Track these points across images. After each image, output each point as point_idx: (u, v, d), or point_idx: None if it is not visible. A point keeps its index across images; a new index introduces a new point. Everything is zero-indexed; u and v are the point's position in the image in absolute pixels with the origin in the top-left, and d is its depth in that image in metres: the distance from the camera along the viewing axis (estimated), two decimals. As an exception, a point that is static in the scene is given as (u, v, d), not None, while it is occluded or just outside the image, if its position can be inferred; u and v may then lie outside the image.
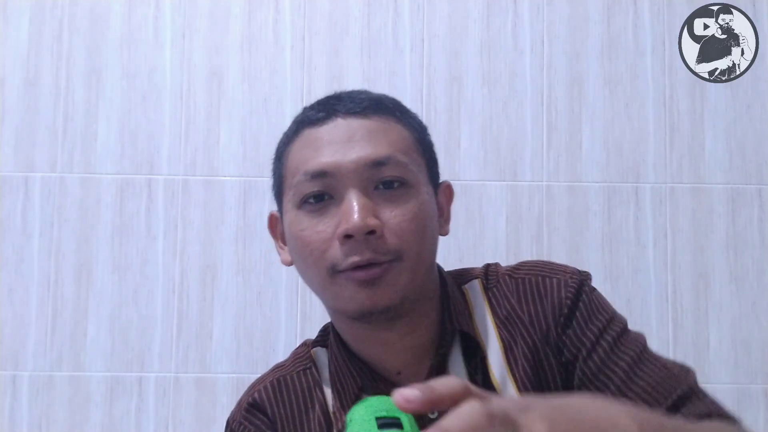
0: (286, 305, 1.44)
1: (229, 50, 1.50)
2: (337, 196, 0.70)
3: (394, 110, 0.75)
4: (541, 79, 1.50)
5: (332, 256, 0.69)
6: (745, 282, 1.46)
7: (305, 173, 0.71)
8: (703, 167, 1.48)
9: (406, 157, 0.72)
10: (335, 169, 0.69)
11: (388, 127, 0.73)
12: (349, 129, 0.71)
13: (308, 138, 0.73)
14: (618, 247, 1.46)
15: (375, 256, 0.68)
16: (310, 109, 0.76)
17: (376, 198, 0.70)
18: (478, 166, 1.48)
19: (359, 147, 0.70)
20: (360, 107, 0.72)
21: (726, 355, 1.44)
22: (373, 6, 1.51)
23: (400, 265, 0.69)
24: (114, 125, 1.47)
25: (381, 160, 0.70)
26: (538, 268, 0.78)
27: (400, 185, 0.70)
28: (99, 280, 1.44)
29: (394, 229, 0.69)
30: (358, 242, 0.67)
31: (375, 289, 0.68)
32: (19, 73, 1.48)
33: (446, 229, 0.79)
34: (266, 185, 1.46)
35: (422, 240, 0.71)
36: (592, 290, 0.76)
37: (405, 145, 0.73)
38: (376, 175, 0.70)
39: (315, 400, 0.77)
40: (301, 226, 0.71)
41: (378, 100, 0.75)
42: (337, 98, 0.75)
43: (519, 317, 0.75)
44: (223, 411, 1.41)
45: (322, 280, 0.71)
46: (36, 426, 1.40)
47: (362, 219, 0.67)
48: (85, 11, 1.49)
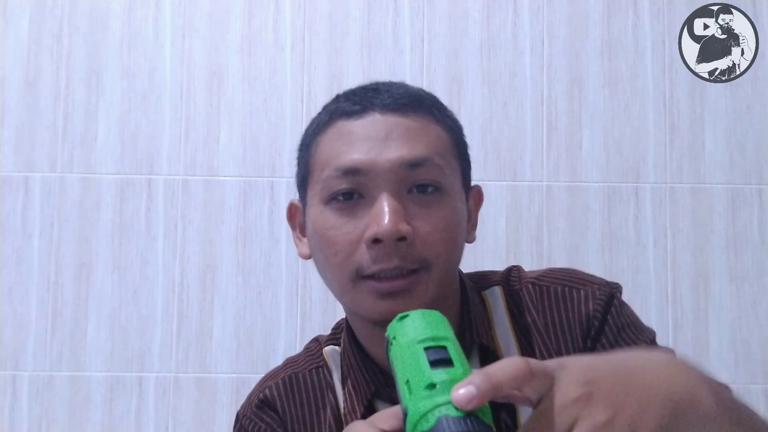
0: (286, 305, 1.44)
1: (229, 50, 1.50)
2: (367, 196, 0.67)
3: (433, 108, 0.72)
4: (541, 79, 1.50)
5: (358, 260, 0.66)
6: (745, 282, 1.46)
7: (336, 168, 0.67)
8: (703, 167, 1.48)
9: (443, 160, 0.68)
10: (369, 167, 0.66)
11: (426, 127, 0.69)
12: (387, 126, 0.68)
13: (342, 131, 0.69)
14: (618, 247, 1.46)
15: (403, 263, 0.65)
16: (345, 99, 0.71)
17: (408, 202, 0.66)
18: (478, 166, 1.47)
19: (395, 146, 0.67)
20: (398, 103, 0.69)
21: (726, 355, 1.44)
22: (373, 6, 1.51)
23: (428, 277, 0.66)
24: (114, 125, 1.47)
25: (418, 161, 0.67)
26: (566, 278, 0.75)
27: (434, 190, 0.67)
28: (99, 280, 1.44)
29: (424, 237, 0.66)
30: (387, 248, 0.64)
31: (399, 300, 0.65)
32: (19, 73, 1.48)
33: (473, 235, 0.76)
34: (266, 185, 1.47)
35: (452, 250, 0.69)
36: (622, 304, 0.74)
37: (442, 147, 0.70)
38: (411, 177, 0.67)
39: (327, 401, 0.75)
40: (327, 224, 0.68)
41: (417, 96, 0.72)
42: (375, 91, 0.71)
43: (542, 328, 0.72)
44: (223, 411, 1.41)
45: (344, 284, 0.68)
46: (36, 426, 1.40)
47: (394, 224, 0.64)
48: (85, 11, 1.49)
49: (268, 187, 1.46)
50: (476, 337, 0.72)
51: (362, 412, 0.71)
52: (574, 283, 0.74)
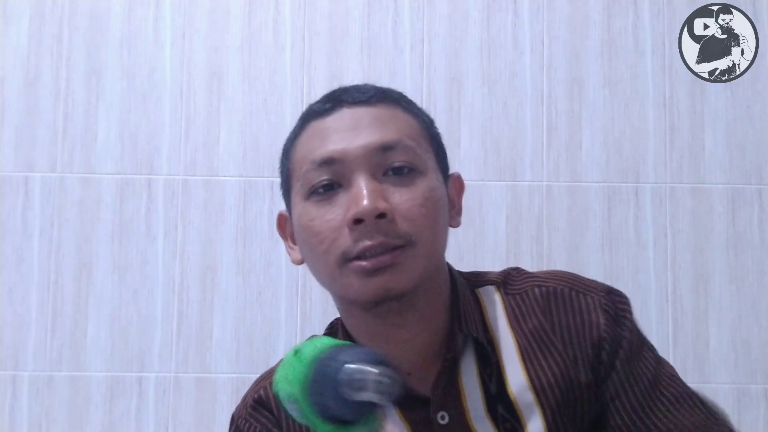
0: (286, 305, 1.44)
1: (229, 50, 1.50)
2: (345, 184, 0.68)
3: (400, 100, 0.74)
4: (541, 79, 1.50)
5: (343, 244, 0.67)
6: (745, 282, 1.46)
7: (312, 162, 0.69)
8: (703, 167, 1.48)
9: (414, 143, 0.70)
10: (342, 155, 0.68)
11: (394, 114, 0.72)
12: (356, 117, 0.70)
13: (314, 129, 0.72)
14: (618, 247, 1.46)
15: (386, 240, 0.66)
16: (316, 103, 0.75)
17: (385, 183, 0.68)
18: (478, 166, 1.48)
19: (366, 133, 0.69)
20: (366, 96, 0.72)
21: (726, 355, 1.44)
22: (373, 6, 1.51)
23: (413, 251, 0.67)
24: (114, 125, 1.47)
25: (389, 145, 0.69)
26: (569, 281, 0.75)
27: (409, 171, 0.69)
28: (99, 280, 1.44)
29: (404, 213, 0.67)
30: (369, 227, 0.65)
31: (387, 276, 0.66)
32: (19, 73, 1.48)
33: (458, 221, 0.77)
34: (266, 185, 1.47)
35: (434, 226, 0.69)
36: (630, 314, 0.74)
37: (412, 131, 0.72)
38: (385, 160, 0.68)
39: None
40: (310, 216, 0.70)
41: (384, 90, 0.74)
42: (343, 90, 0.74)
43: (549, 331, 0.73)
44: (223, 411, 1.41)
45: (332, 271, 0.69)
46: (36, 426, 1.40)
47: (372, 202, 0.65)
48: (85, 11, 1.49)
49: (268, 187, 1.46)
50: (467, 330, 0.72)
51: None
52: (579, 288, 0.74)
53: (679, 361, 1.43)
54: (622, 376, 0.71)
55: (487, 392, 0.71)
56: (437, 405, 0.71)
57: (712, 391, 1.46)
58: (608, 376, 0.71)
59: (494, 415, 0.70)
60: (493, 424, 0.70)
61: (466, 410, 0.71)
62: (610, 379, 0.71)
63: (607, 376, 0.71)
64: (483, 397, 0.71)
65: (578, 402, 0.71)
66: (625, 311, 0.74)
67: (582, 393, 0.71)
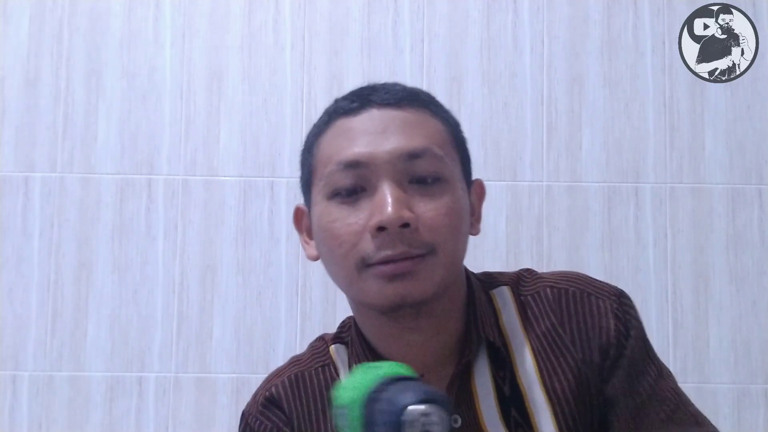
0: (286, 305, 1.44)
1: (229, 50, 1.50)
2: (369, 189, 0.68)
3: (429, 104, 0.73)
4: (541, 79, 1.50)
5: (363, 249, 0.66)
6: (745, 282, 1.46)
7: (338, 163, 0.68)
8: (703, 167, 1.48)
9: (442, 151, 0.69)
10: (369, 159, 0.67)
11: (423, 119, 0.71)
12: (384, 120, 0.69)
13: (341, 128, 0.70)
14: (618, 247, 1.46)
15: (408, 249, 0.65)
16: (343, 99, 0.73)
17: (410, 192, 0.67)
18: (478, 166, 1.46)
19: (394, 138, 0.68)
20: (395, 99, 0.70)
21: (726, 355, 1.44)
22: (373, 6, 1.51)
23: (434, 260, 0.66)
24: (114, 125, 1.47)
25: (417, 152, 0.68)
26: (579, 282, 0.75)
27: (434, 181, 0.68)
28: (99, 280, 1.44)
29: (428, 223, 0.66)
30: (391, 235, 0.65)
31: (405, 283, 0.65)
32: (19, 73, 1.48)
33: (477, 228, 0.76)
34: (266, 185, 1.47)
35: (457, 236, 0.69)
36: (639, 321, 0.74)
37: (441, 138, 0.71)
38: (411, 168, 0.68)
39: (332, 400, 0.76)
40: (331, 217, 0.69)
41: (413, 92, 0.73)
42: (372, 89, 0.73)
43: (561, 332, 0.73)
44: (223, 411, 1.41)
45: (350, 275, 0.68)
46: (36, 426, 1.40)
47: (396, 211, 0.64)
48: (85, 11, 1.49)
49: (268, 187, 1.46)
50: (483, 333, 0.72)
51: None
52: (590, 290, 0.74)
53: (679, 361, 1.43)
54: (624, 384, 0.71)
55: (501, 395, 0.71)
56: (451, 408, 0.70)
57: (712, 391, 1.46)
58: (609, 381, 0.71)
59: (507, 418, 0.70)
60: (506, 427, 0.70)
61: (479, 413, 0.70)
62: (610, 385, 0.71)
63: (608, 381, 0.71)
64: (496, 399, 0.71)
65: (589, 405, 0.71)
66: (634, 317, 0.74)
67: (592, 396, 0.71)
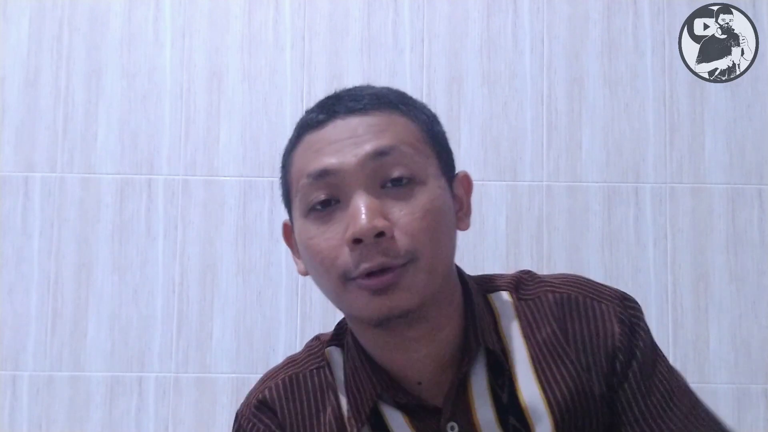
0: (286, 305, 1.44)
1: (229, 50, 1.50)
2: (343, 200, 0.67)
3: (398, 103, 0.72)
4: (541, 79, 1.50)
5: (343, 263, 0.66)
6: (745, 282, 1.46)
7: (308, 175, 0.68)
8: (703, 167, 1.48)
9: (412, 149, 0.68)
10: (338, 167, 0.67)
11: (390, 120, 0.69)
12: (350, 128, 0.68)
13: (309, 142, 0.70)
14: (618, 247, 1.46)
15: (387, 260, 0.64)
16: (311, 112, 0.73)
17: (383, 197, 0.66)
18: (478, 166, 1.48)
19: (360, 142, 0.67)
20: (360, 104, 0.70)
21: (726, 355, 1.44)
22: (373, 6, 1.51)
23: (415, 267, 0.65)
24: (114, 125, 1.47)
25: (383, 150, 0.67)
26: (582, 287, 0.74)
27: (408, 181, 0.67)
28: (99, 280, 1.44)
29: (404, 228, 0.65)
30: (368, 246, 0.64)
31: (390, 295, 0.65)
32: (19, 73, 1.48)
33: (466, 223, 0.75)
34: (266, 185, 1.47)
35: (437, 237, 0.67)
36: (644, 323, 0.73)
37: (411, 137, 0.69)
38: (381, 170, 0.67)
39: (327, 402, 0.75)
40: (309, 234, 0.69)
41: (379, 94, 0.72)
42: (337, 98, 0.72)
43: (563, 340, 0.72)
44: (223, 411, 1.41)
45: (336, 289, 0.68)
46: (36, 426, 1.41)
47: (369, 221, 0.64)
48: (85, 11, 1.49)
49: (268, 187, 1.46)
50: (481, 340, 0.71)
51: (367, 414, 0.71)
52: (593, 295, 0.73)
53: (679, 361, 1.43)
54: (635, 387, 0.70)
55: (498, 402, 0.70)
56: (447, 416, 0.70)
57: (712, 391, 1.46)
58: (621, 386, 0.71)
59: (505, 426, 0.70)
60: None
61: (476, 421, 0.70)
62: (622, 390, 0.70)
63: (619, 386, 0.71)
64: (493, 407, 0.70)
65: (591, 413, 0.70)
66: (639, 320, 0.73)
67: (595, 404, 0.70)
